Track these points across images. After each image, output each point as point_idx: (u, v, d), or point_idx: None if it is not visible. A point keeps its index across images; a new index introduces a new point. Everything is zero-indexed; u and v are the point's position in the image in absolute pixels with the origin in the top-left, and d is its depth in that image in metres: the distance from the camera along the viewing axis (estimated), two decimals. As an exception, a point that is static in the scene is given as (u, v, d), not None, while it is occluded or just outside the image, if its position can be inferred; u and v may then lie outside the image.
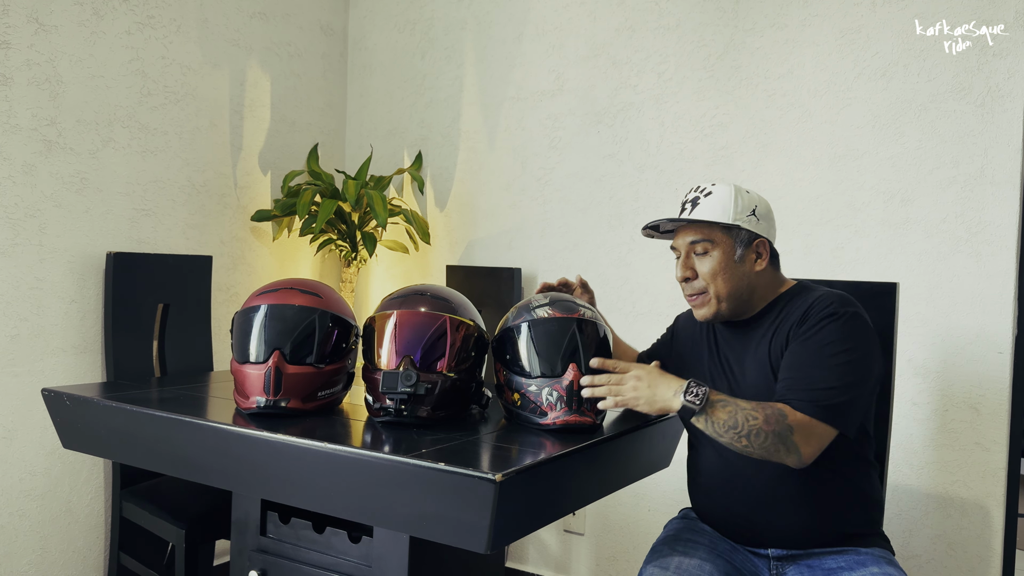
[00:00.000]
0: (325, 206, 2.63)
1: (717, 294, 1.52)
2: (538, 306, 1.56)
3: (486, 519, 1.17)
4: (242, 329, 1.56)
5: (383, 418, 1.47)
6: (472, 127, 2.91)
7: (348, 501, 1.33)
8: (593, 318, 1.57)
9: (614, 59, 2.61)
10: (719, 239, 1.52)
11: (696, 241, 1.53)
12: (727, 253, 1.51)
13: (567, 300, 1.58)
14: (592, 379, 1.46)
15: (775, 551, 1.50)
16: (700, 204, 1.52)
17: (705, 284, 1.52)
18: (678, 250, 1.56)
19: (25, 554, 2.22)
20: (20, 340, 2.18)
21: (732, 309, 1.53)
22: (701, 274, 1.52)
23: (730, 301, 1.52)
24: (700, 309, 1.55)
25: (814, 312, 1.45)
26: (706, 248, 1.52)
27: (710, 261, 1.52)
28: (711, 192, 1.52)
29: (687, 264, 1.54)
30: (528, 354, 1.51)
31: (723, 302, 1.52)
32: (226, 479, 1.49)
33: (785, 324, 1.49)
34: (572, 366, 1.47)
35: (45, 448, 2.25)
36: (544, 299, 1.58)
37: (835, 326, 1.41)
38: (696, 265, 1.53)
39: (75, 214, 2.29)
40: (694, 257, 1.53)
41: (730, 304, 1.52)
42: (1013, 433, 2.05)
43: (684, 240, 1.55)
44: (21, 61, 2.15)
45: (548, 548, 2.72)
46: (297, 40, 2.99)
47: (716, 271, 1.51)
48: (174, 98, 2.55)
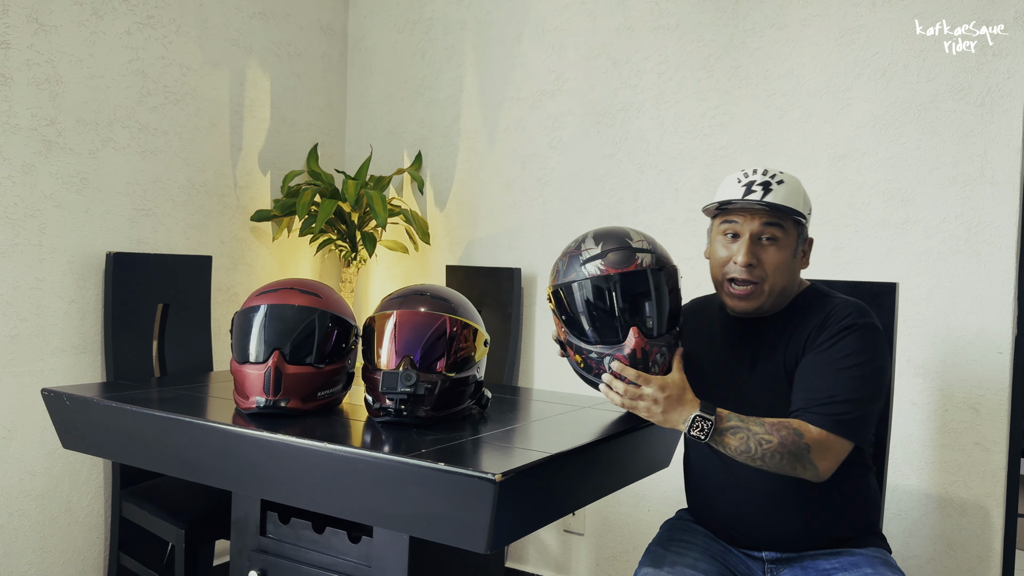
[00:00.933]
0: (325, 206, 2.63)
1: (772, 287, 1.44)
2: (589, 259, 1.42)
3: (486, 519, 1.17)
4: (242, 329, 1.56)
5: (383, 418, 1.47)
6: (472, 127, 2.91)
7: (348, 501, 1.33)
8: (654, 264, 1.42)
9: (614, 59, 2.61)
10: (790, 230, 1.44)
11: (770, 224, 1.42)
12: (791, 247, 1.45)
13: (622, 244, 1.42)
14: (612, 382, 1.40)
15: (769, 554, 1.49)
16: (773, 190, 1.42)
17: (763, 275, 1.43)
18: (740, 233, 1.44)
19: (25, 554, 2.22)
20: (20, 340, 2.18)
21: (772, 305, 1.47)
22: (764, 263, 1.43)
23: (776, 297, 1.46)
24: (746, 301, 1.45)
25: (832, 322, 1.41)
26: (776, 236, 1.43)
27: (777, 251, 1.43)
28: (783, 180, 1.44)
29: (752, 250, 1.43)
30: (583, 319, 1.42)
31: (772, 297, 1.45)
32: (226, 479, 1.49)
33: (801, 331, 1.45)
34: (634, 331, 1.39)
35: (45, 448, 2.25)
36: (595, 245, 1.44)
37: (853, 338, 1.38)
38: (760, 253, 1.43)
39: (75, 214, 2.29)
40: (757, 244, 1.43)
41: (774, 300, 1.46)
42: (1013, 433, 2.05)
43: (753, 223, 1.43)
44: (21, 61, 2.15)
45: (548, 548, 2.72)
46: (297, 40, 2.99)
47: (779, 263, 1.43)
48: (174, 98, 2.55)
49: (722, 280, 1.47)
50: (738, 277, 1.44)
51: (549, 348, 2.72)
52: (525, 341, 2.75)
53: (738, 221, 1.44)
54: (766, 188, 1.42)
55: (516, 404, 1.86)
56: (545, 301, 2.72)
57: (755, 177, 1.45)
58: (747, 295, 1.44)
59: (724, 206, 1.45)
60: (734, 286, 1.45)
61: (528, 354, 2.76)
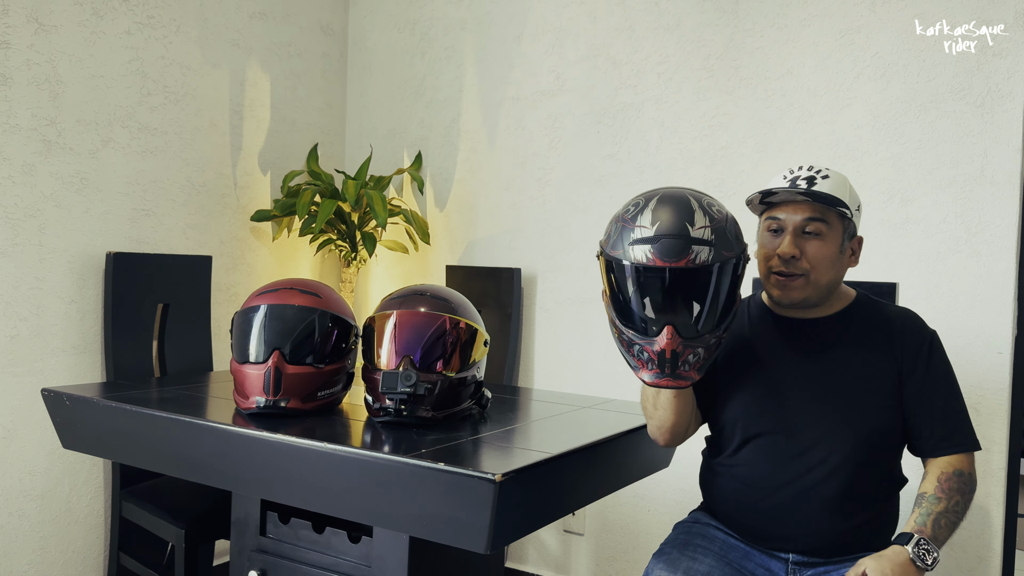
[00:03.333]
0: (325, 206, 2.63)
1: (816, 281, 1.42)
2: (638, 240, 1.30)
3: (486, 519, 1.17)
4: (242, 329, 1.56)
5: (383, 418, 1.47)
6: (472, 127, 2.91)
7: (348, 501, 1.33)
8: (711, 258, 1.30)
9: (614, 59, 2.61)
10: (834, 224, 1.42)
11: (812, 219, 1.41)
12: (836, 241, 1.43)
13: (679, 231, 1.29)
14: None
15: (796, 556, 1.46)
16: (818, 184, 1.41)
17: (807, 267, 1.41)
18: (784, 225, 1.43)
19: (25, 554, 2.22)
20: (20, 340, 2.18)
21: (818, 300, 1.46)
22: (807, 255, 1.41)
23: (822, 292, 1.44)
24: (790, 291, 1.43)
25: (912, 335, 1.45)
26: (820, 229, 1.41)
27: (820, 244, 1.41)
28: (828, 176, 1.43)
29: (795, 242, 1.41)
30: (620, 299, 1.34)
31: (819, 291, 1.44)
32: (226, 479, 1.49)
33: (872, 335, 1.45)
34: (668, 330, 1.30)
35: (45, 448, 2.25)
36: (648, 224, 1.30)
37: (940, 352, 1.46)
38: (804, 245, 1.42)
39: (75, 214, 2.29)
40: (800, 237, 1.42)
41: (819, 295, 1.44)
42: (1013, 433, 2.05)
43: (796, 216, 1.42)
44: (21, 61, 2.15)
45: (548, 548, 2.72)
46: (297, 40, 2.99)
47: (824, 256, 1.41)
48: (174, 98, 2.55)
49: (767, 274, 1.46)
50: (781, 269, 1.42)
51: (549, 348, 2.72)
52: (525, 341, 2.75)
53: (781, 216, 1.43)
54: (810, 182, 1.42)
55: (516, 404, 1.86)
56: (547, 301, 2.73)
57: (800, 172, 1.45)
58: (791, 287, 1.42)
59: (767, 199, 1.44)
60: (777, 277, 1.43)
61: (528, 354, 2.76)
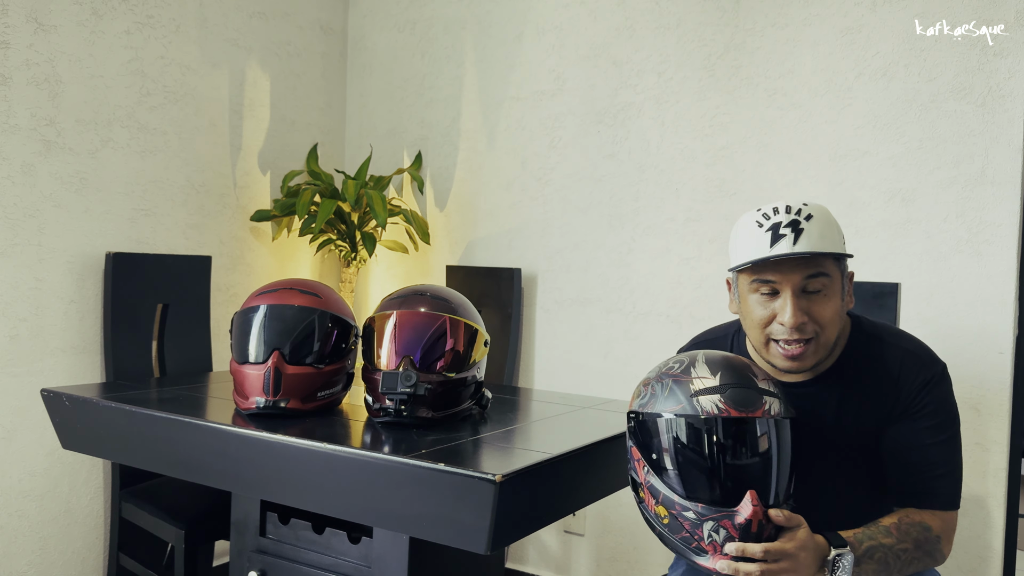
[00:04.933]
0: (324, 206, 2.63)
1: (826, 341, 1.25)
2: (703, 390, 1.15)
3: (486, 519, 1.16)
4: (241, 329, 1.55)
5: (383, 419, 1.47)
6: (472, 127, 2.91)
7: (348, 502, 1.33)
8: (782, 412, 1.17)
9: (614, 59, 2.60)
10: (834, 272, 1.25)
11: (814, 276, 1.23)
12: (838, 291, 1.26)
13: (745, 381, 1.16)
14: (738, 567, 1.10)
15: None
16: (805, 230, 1.22)
17: (817, 330, 1.24)
18: (779, 288, 1.24)
19: (24, 555, 2.21)
20: (19, 340, 2.18)
21: (825, 359, 1.30)
22: (816, 317, 1.23)
23: (830, 350, 1.28)
24: (802, 361, 1.25)
25: (911, 381, 1.28)
26: (823, 285, 1.24)
27: (826, 302, 1.24)
28: (811, 215, 1.24)
29: (799, 307, 1.22)
30: (683, 469, 1.14)
31: (826, 350, 1.27)
32: (225, 480, 1.49)
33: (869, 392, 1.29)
34: (751, 496, 1.10)
35: (44, 448, 2.24)
36: (709, 375, 1.17)
37: (939, 393, 1.28)
38: (809, 307, 1.23)
39: (74, 214, 2.28)
40: (803, 297, 1.24)
41: (827, 354, 1.28)
42: (1013, 433, 2.04)
43: (793, 278, 1.23)
44: (20, 61, 2.15)
45: (548, 549, 2.72)
46: (296, 40, 2.98)
47: (832, 314, 1.24)
48: (173, 98, 2.54)
49: (765, 341, 1.27)
50: (788, 339, 1.24)
51: (549, 348, 2.72)
52: (525, 341, 2.75)
53: (774, 279, 1.24)
54: (795, 229, 1.22)
55: (516, 404, 1.86)
56: (547, 301, 2.72)
57: (779, 218, 1.24)
58: (802, 354, 1.24)
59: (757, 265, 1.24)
60: (784, 346, 1.25)
61: (528, 354, 2.75)
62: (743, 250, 1.26)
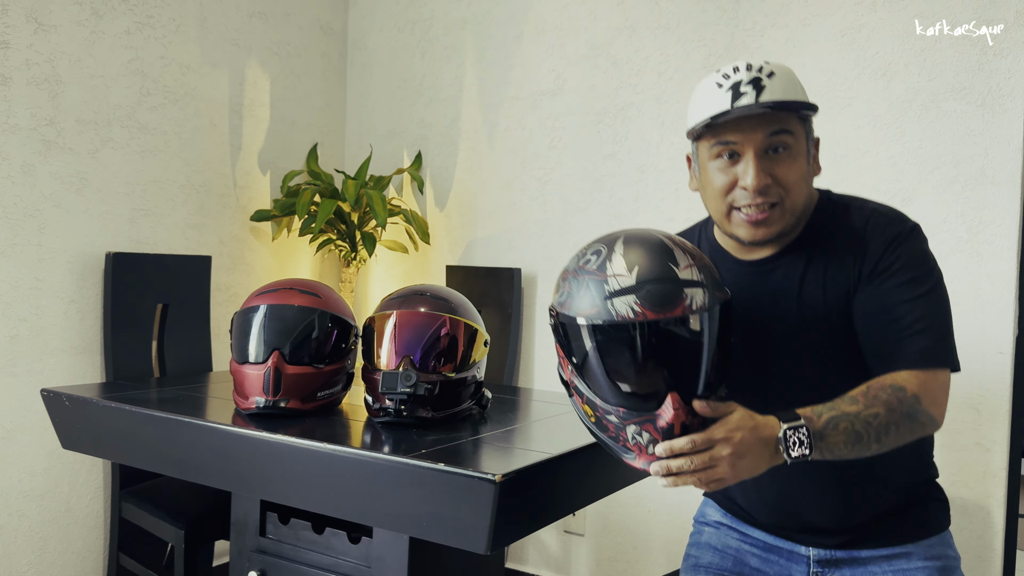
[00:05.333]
0: (324, 206, 2.63)
1: (792, 206, 1.17)
2: (618, 291, 1.06)
3: (486, 519, 1.16)
4: (241, 329, 1.55)
5: (383, 419, 1.47)
6: (472, 127, 2.91)
7: (347, 502, 1.33)
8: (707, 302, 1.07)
9: (614, 59, 2.60)
10: (798, 131, 1.16)
11: (776, 133, 1.14)
12: (803, 152, 1.17)
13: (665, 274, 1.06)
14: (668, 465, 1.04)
15: (817, 552, 1.27)
16: (767, 86, 1.13)
17: (781, 194, 1.16)
18: (740, 149, 1.15)
19: (24, 555, 2.21)
20: (19, 340, 2.18)
21: (793, 228, 1.21)
22: (779, 179, 1.15)
23: (797, 217, 1.19)
24: (767, 227, 1.17)
25: (876, 240, 1.17)
26: (787, 143, 1.15)
27: (791, 162, 1.16)
28: (774, 71, 1.15)
29: (763, 168, 1.14)
30: (601, 375, 1.08)
31: (792, 217, 1.18)
32: (225, 480, 1.49)
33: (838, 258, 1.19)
34: (673, 399, 1.04)
35: (44, 448, 2.24)
36: (625, 271, 1.07)
37: (909, 248, 1.17)
38: (773, 168, 1.15)
39: (74, 214, 2.28)
40: (766, 158, 1.15)
41: (792, 222, 1.19)
42: (1014, 433, 2.04)
43: (755, 136, 1.14)
44: (20, 61, 2.15)
45: (548, 549, 2.72)
46: (296, 40, 2.98)
47: (797, 175, 1.16)
48: (173, 98, 2.54)
49: (727, 211, 1.19)
50: (751, 203, 1.16)
51: (549, 348, 2.72)
52: (525, 341, 2.75)
53: (735, 139, 1.15)
54: (757, 86, 1.13)
55: (516, 404, 1.86)
56: (547, 301, 2.72)
57: (740, 76, 1.15)
58: (767, 219, 1.16)
59: (715, 123, 1.14)
60: (747, 212, 1.16)
61: (528, 354, 2.75)
62: (702, 113, 1.17)
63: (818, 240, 1.21)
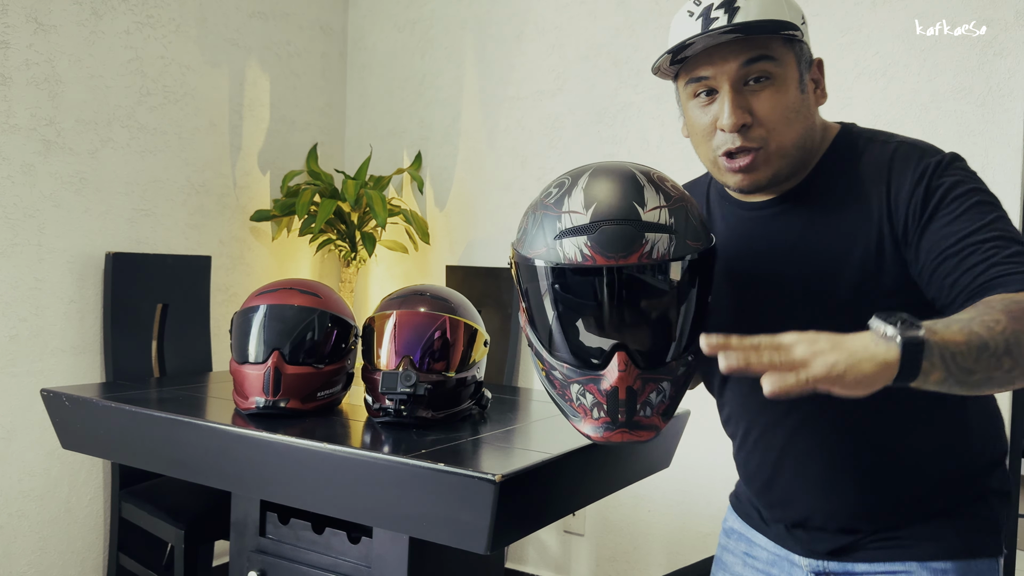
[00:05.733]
0: (324, 206, 2.63)
1: (780, 147, 0.98)
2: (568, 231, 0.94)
3: (486, 519, 1.16)
4: (241, 329, 1.55)
5: (382, 419, 1.47)
6: (472, 127, 2.91)
7: (347, 502, 1.32)
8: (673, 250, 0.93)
9: (615, 58, 2.60)
10: (783, 56, 0.98)
11: (753, 61, 0.96)
12: (791, 79, 0.98)
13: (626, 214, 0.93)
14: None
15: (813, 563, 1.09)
16: (742, 7, 0.96)
17: (763, 134, 0.97)
18: (715, 84, 0.98)
19: (24, 555, 2.21)
20: (19, 340, 2.18)
21: (792, 169, 1.01)
22: (761, 116, 0.97)
23: (793, 157, 1.00)
24: (752, 175, 0.99)
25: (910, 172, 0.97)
26: (767, 71, 0.97)
27: (774, 93, 0.97)
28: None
29: (739, 104, 0.97)
30: (545, 324, 0.98)
31: (784, 159, 0.99)
32: (225, 480, 1.48)
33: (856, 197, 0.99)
34: (620, 358, 0.93)
35: (44, 448, 2.24)
36: (581, 207, 0.94)
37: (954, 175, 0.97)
38: (751, 104, 0.97)
39: (74, 214, 2.28)
40: (745, 92, 0.98)
41: (791, 162, 1.00)
42: (1014, 433, 2.04)
43: (728, 66, 0.97)
44: (20, 61, 2.15)
45: (548, 549, 2.72)
46: (296, 40, 2.98)
47: (783, 107, 0.97)
48: (173, 98, 2.54)
49: (714, 158, 1.02)
50: (731, 148, 0.98)
51: (549, 348, 2.71)
52: (525, 341, 2.75)
53: (707, 73, 0.98)
54: (730, 8, 0.96)
55: (516, 404, 1.86)
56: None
57: (710, 1, 0.97)
58: (751, 165, 0.98)
59: (681, 54, 0.98)
60: (730, 159, 0.99)
61: (528, 354, 2.75)
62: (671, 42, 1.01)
63: (830, 181, 1.02)
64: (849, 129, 1.07)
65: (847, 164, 1.02)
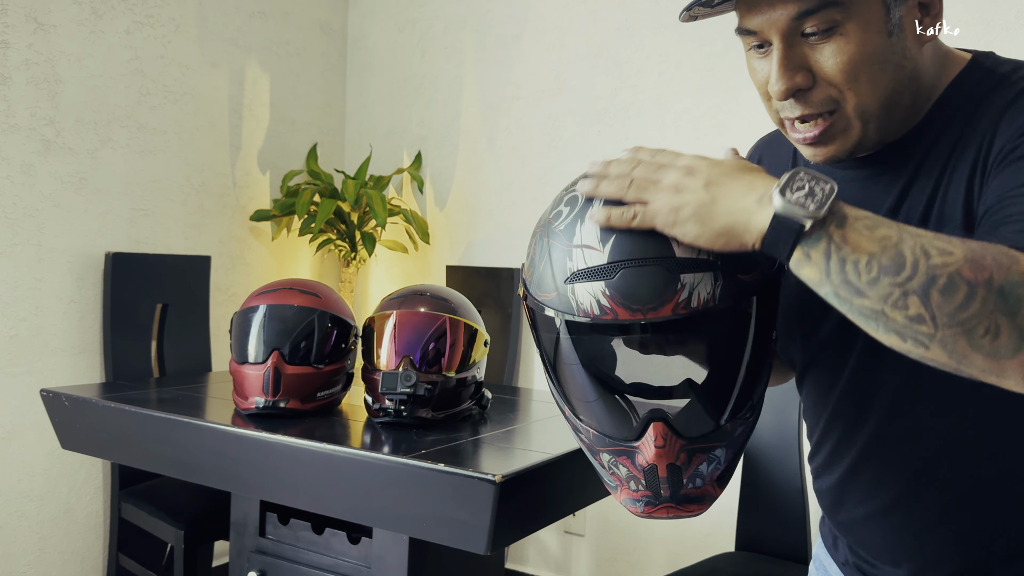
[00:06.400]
0: (324, 206, 2.63)
1: (861, 110, 0.74)
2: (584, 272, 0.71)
3: (486, 520, 1.16)
4: (241, 329, 1.55)
5: (382, 419, 1.46)
6: (472, 127, 2.91)
7: (347, 502, 1.32)
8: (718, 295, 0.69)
9: (615, 58, 2.60)
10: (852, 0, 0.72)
11: (808, 12, 0.72)
12: (870, 25, 0.73)
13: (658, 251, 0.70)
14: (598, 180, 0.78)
15: None
16: None
17: (834, 94, 0.74)
18: (765, 38, 0.76)
19: (24, 555, 2.21)
20: (19, 340, 2.18)
21: (883, 131, 0.77)
22: (825, 74, 0.74)
23: (878, 120, 0.76)
24: (825, 147, 0.77)
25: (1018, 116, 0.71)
26: (830, 20, 0.72)
27: (845, 44, 0.72)
28: None
29: (791, 61, 0.74)
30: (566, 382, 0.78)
31: (870, 123, 0.75)
32: (225, 480, 1.48)
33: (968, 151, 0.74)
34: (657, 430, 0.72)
35: (44, 449, 2.24)
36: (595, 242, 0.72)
37: None
38: (811, 60, 0.74)
39: (74, 214, 2.28)
40: (803, 45, 0.74)
41: (877, 127, 0.76)
42: None
43: (778, 13, 0.74)
44: (20, 60, 2.14)
45: (548, 549, 2.72)
46: (296, 39, 2.98)
47: (856, 60, 0.72)
48: (173, 98, 2.54)
49: (780, 121, 0.81)
50: (791, 116, 0.77)
51: (549, 348, 2.71)
52: (525, 341, 2.75)
53: (754, 25, 0.76)
54: None
55: (516, 404, 1.85)
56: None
57: None
58: (822, 137, 0.76)
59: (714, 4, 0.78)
60: (797, 128, 0.78)
61: (528, 354, 2.75)
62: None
63: (945, 130, 0.77)
64: (980, 63, 0.80)
65: (968, 109, 0.76)
